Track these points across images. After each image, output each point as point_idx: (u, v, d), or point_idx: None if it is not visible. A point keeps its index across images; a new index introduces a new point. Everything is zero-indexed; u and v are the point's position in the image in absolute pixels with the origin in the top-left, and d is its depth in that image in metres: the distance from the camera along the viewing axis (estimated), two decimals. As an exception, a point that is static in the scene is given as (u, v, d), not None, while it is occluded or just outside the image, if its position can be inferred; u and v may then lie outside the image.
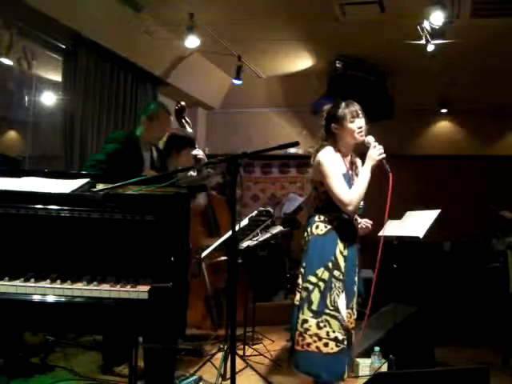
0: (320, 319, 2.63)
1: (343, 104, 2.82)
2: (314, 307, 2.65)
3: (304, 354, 2.66)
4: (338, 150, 2.83)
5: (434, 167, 7.01)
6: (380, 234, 3.37)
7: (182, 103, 4.53)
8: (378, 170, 2.77)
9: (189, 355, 4.18)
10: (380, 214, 2.86)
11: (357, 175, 2.85)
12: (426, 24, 4.77)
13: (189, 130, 4.59)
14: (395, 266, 3.67)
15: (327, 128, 2.85)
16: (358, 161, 2.93)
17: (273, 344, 4.73)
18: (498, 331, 4.70)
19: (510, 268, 4.58)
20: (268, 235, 4.40)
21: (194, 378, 3.47)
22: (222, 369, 3.49)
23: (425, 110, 6.98)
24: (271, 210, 5.00)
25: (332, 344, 2.62)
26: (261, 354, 4.27)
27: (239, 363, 3.37)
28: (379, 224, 3.01)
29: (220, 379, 3.46)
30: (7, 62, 4.37)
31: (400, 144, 7.00)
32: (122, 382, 3.35)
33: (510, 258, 4.65)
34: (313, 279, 2.68)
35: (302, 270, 2.78)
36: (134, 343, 2.81)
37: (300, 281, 2.76)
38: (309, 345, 2.63)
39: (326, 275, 2.67)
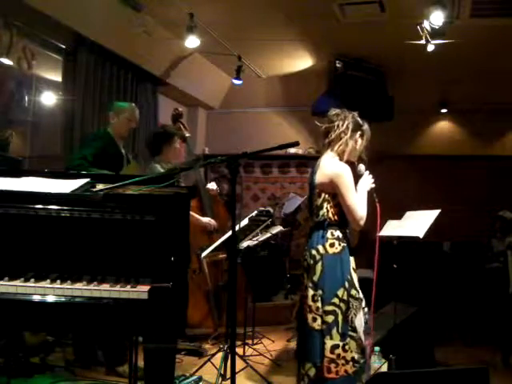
0: (345, 342, 2.58)
1: (366, 123, 2.85)
2: (340, 330, 2.58)
3: (338, 381, 2.56)
4: (341, 159, 2.80)
5: (434, 167, 7.01)
6: (380, 233, 3.37)
7: (180, 109, 4.70)
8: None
9: (189, 355, 4.18)
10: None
11: None
12: (426, 24, 4.76)
13: (186, 134, 4.64)
14: (395, 265, 3.66)
15: (352, 134, 2.78)
16: None
17: (273, 344, 4.73)
18: (497, 331, 4.71)
19: (510, 268, 4.58)
20: (268, 235, 4.41)
21: (194, 378, 3.47)
22: (222, 369, 3.49)
23: (425, 110, 6.98)
24: (271, 210, 5.00)
25: (350, 364, 2.58)
26: (261, 354, 4.27)
27: (239, 363, 3.37)
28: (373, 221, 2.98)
29: (220, 379, 3.45)
30: (7, 61, 4.36)
31: (400, 144, 7.01)
32: (123, 382, 3.35)
33: (510, 258, 4.65)
34: (336, 301, 2.60)
35: (317, 291, 2.65)
36: (133, 343, 2.81)
37: (319, 304, 2.63)
38: (340, 370, 2.56)
39: (345, 295, 2.61)
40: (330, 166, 2.73)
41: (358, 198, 2.69)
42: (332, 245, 2.66)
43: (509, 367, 4.21)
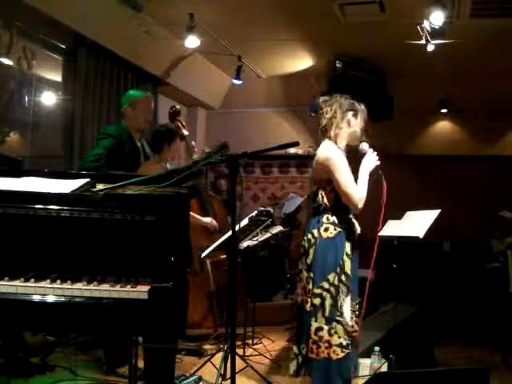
0: (331, 326, 2.60)
1: (362, 104, 2.85)
2: (327, 314, 2.61)
3: (319, 362, 2.61)
4: (337, 143, 2.79)
5: (434, 167, 7.01)
6: (380, 233, 3.38)
7: (177, 107, 4.66)
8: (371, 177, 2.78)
9: (189, 355, 4.18)
10: (376, 216, 2.84)
11: None
12: (426, 24, 4.76)
13: (185, 132, 4.62)
14: (395, 266, 3.66)
15: (342, 115, 2.79)
16: None
17: (273, 344, 4.73)
18: (497, 331, 4.71)
19: (510, 268, 4.58)
20: (268, 235, 4.41)
21: (194, 378, 3.47)
22: (222, 369, 3.49)
23: (425, 110, 6.98)
24: (271, 210, 5.01)
25: (338, 350, 2.59)
26: (261, 354, 4.27)
27: (239, 363, 3.36)
28: (374, 220, 2.97)
29: (220, 379, 3.45)
30: (7, 61, 4.36)
31: (400, 144, 7.01)
32: (123, 382, 3.35)
33: (510, 258, 4.65)
34: (325, 285, 2.62)
35: (310, 274, 2.69)
36: (133, 343, 2.81)
37: (310, 286, 2.67)
38: (323, 352, 2.60)
39: (336, 280, 2.62)
40: (322, 152, 2.76)
41: (352, 181, 2.68)
42: (326, 229, 2.68)
43: (509, 367, 4.21)
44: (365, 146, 2.83)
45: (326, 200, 2.73)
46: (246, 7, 4.99)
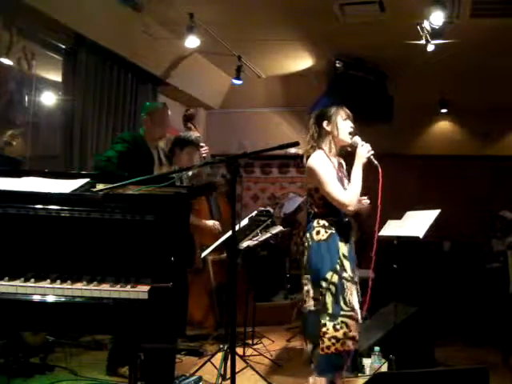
0: (336, 322, 2.67)
1: (334, 106, 2.89)
2: (330, 311, 2.68)
3: (324, 357, 2.67)
4: (328, 151, 2.85)
5: (434, 167, 7.01)
6: (380, 233, 3.38)
7: (192, 110, 4.69)
8: (368, 167, 2.80)
9: (189, 355, 4.18)
10: (374, 210, 2.85)
11: (345, 176, 2.89)
12: (426, 24, 4.76)
13: (196, 134, 4.61)
14: (395, 266, 3.66)
15: (318, 128, 2.87)
16: (343, 162, 2.98)
17: (273, 344, 4.73)
18: (497, 331, 4.71)
19: (510, 268, 4.58)
20: (268, 235, 4.41)
21: (194, 378, 3.47)
22: (222, 369, 3.49)
23: (425, 110, 6.98)
24: (271, 210, 5.01)
25: (349, 342, 2.67)
26: (261, 354, 4.27)
27: (239, 363, 3.37)
28: (374, 220, 2.98)
29: (220, 379, 3.46)
30: (7, 61, 4.36)
31: (400, 144, 7.01)
32: (124, 382, 3.35)
33: (510, 258, 4.65)
34: (324, 284, 2.70)
35: (308, 275, 2.79)
36: (133, 343, 2.81)
37: (308, 287, 2.77)
38: (328, 347, 2.66)
39: (335, 278, 2.70)
40: (309, 162, 2.83)
41: (337, 187, 2.73)
42: (318, 232, 2.77)
43: (509, 367, 4.21)
44: (356, 139, 2.86)
45: (314, 207, 2.83)
46: (246, 7, 4.99)
